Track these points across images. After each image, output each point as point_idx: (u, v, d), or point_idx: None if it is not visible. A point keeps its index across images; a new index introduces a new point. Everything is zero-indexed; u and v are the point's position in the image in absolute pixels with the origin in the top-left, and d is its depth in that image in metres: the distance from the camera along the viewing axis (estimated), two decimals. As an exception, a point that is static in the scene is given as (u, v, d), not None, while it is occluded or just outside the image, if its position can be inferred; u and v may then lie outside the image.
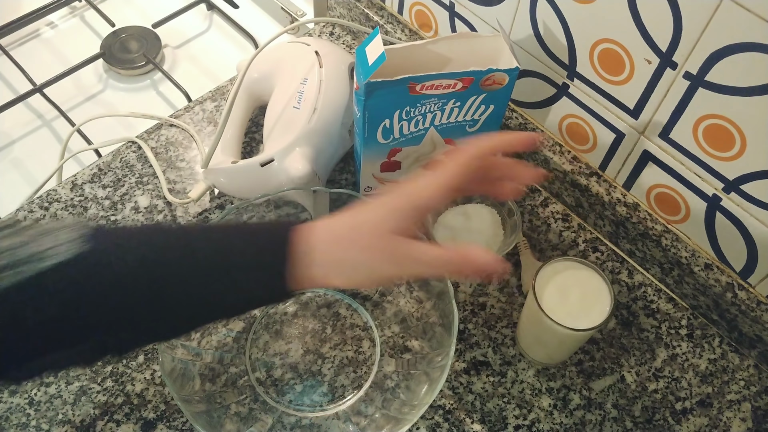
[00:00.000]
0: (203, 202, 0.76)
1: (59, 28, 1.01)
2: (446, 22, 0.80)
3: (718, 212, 0.65)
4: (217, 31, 1.01)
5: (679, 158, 0.65)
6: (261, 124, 0.78)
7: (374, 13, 0.86)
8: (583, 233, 0.77)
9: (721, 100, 0.58)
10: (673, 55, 0.59)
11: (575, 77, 0.69)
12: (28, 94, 0.89)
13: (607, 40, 0.63)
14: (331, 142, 0.72)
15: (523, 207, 0.78)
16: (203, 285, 0.45)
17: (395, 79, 0.61)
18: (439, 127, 0.68)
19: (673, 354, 0.69)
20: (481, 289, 0.72)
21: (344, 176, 0.79)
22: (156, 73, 0.95)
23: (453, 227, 0.73)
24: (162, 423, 0.63)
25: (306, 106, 0.71)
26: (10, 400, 0.63)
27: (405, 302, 0.68)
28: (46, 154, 0.86)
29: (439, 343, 0.61)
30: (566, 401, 0.66)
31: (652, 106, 0.64)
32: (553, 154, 0.75)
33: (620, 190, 0.73)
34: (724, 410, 0.66)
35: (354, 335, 0.68)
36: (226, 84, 0.87)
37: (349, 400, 0.64)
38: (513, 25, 0.71)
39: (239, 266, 0.45)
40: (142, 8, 1.03)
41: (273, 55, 0.78)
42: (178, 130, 0.82)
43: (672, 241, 0.69)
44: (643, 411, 0.66)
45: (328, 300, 0.70)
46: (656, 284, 0.73)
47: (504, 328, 0.69)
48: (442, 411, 0.64)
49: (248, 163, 0.70)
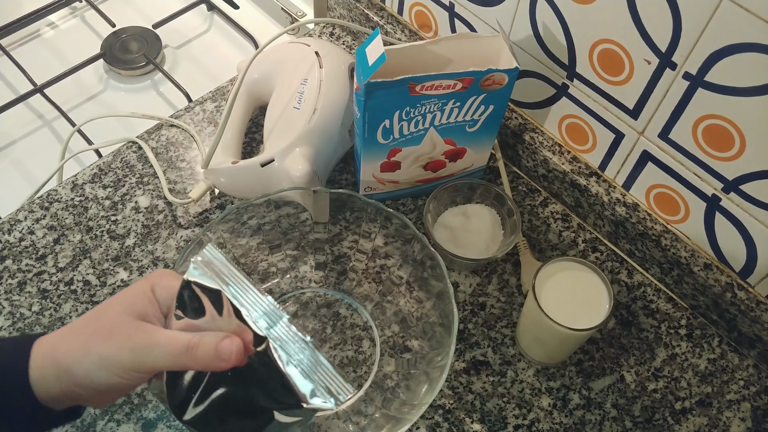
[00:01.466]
0: (203, 202, 0.76)
1: (60, 28, 1.01)
2: (446, 23, 0.80)
3: (717, 212, 0.65)
4: (218, 31, 1.02)
5: (679, 158, 0.65)
6: (261, 124, 0.78)
7: (374, 13, 0.86)
8: (583, 233, 0.77)
9: (721, 101, 0.58)
10: (673, 56, 0.59)
11: (575, 77, 0.69)
12: (28, 94, 0.89)
13: (606, 40, 0.63)
14: (331, 142, 0.72)
15: (523, 207, 0.78)
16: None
17: (395, 80, 0.61)
18: (439, 128, 0.68)
19: (672, 354, 0.69)
20: (480, 289, 0.72)
21: (344, 176, 0.79)
22: (156, 73, 0.95)
23: (453, 227, 0.73)
24: (162, 423, 0.63)
25: (306, 106, 0.71)
26: (10, 399, 0.63)
27: (405, 302, 0.68)
28: (46, 154, 0.86)
29: (439, 343, 0.61)
30: (566, 401, 0.66)
31: (651, 106, 0.64)
32: (553, 154, 0.76)
33: (620, 190, 0.73)
34: (724, 410, 0.66)
35: (354, 335, 0.68)
36: (226, 84, 0.87)
37: (349, 400, 0.64)
38: (513, 25, 0.71)
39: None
40: (142, 8, 1.03)
41: (273, 56, 0.78)
42: (179, 130, 0.82)
43: (671, 241, 0.70)
44: (643, 411, 0.66)
45: (328, 300, 0.70)
46: (656, 284, 0.73)
47: (504, 328, 0.70)
48: (442, 411, 0.65)
49: (248, 163, 0.70)
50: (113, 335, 0.42)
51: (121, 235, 0.73)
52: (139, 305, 0.44)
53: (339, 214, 0.71)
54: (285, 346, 0.43)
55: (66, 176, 0.79)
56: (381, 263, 0.71)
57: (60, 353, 0.43)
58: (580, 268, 0.62)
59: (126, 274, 0.71)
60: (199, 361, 0.42)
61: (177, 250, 0.72)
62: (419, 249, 0.64)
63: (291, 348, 0.43)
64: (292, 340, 0.43)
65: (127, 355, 0.42)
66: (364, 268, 0.71)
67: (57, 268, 0.71)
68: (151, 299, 0.45)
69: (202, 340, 0.42)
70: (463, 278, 0.73)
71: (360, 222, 0.69)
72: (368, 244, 0.69)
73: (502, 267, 0.74)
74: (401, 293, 0.69)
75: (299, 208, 0.69)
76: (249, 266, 0.69)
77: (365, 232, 0.69)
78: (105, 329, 0.43)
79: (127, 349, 0.42)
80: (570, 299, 0.60)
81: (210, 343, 0.42)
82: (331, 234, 0.72)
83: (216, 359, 0.42)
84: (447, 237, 0.72)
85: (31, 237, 0.73)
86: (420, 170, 0.74)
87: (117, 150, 0.80)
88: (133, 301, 0.44)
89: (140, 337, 0.42)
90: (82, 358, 0.42)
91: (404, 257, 0.67)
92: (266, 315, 0.43)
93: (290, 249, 0.71)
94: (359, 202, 0.65)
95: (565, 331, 0.58)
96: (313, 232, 0.70)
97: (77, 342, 0.43)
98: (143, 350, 0.42)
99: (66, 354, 0.43)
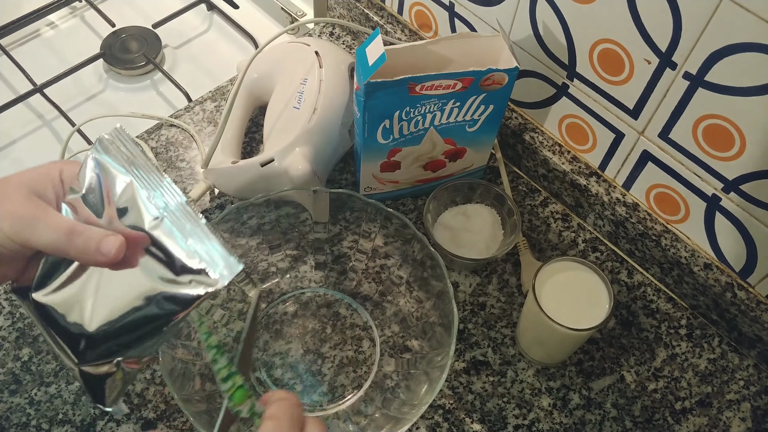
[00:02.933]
0: (203, 202, 0.76)
1: (59, 28, 1.01)
2: (446, 23, 0.80)
3: (717, 212, 0.65)
4: (217, 31, 1.01)
5: (679, 158, 0.65)
6: (261, 124, 0.78)
7: (374, 13, 0.86)
8: (583, 233, 0.77)
9: (721, 100, 0.58)
10: (673, 55, 0.59)
11: (575, 77, 0.69)
12: (28, 94, 0.89)
13: (606, 40, 0.63)
14: (331, 142, 0.72)
15: (523, 207, 0.78)
16: None
17: (395, 80, 0.61)
18: (439, 127, 0.68)
19: (672, 354, 0.69)
20: (480, 289, 0.72)
21: (344, 176, 0.79)
22: (156, 73, 0.95)
23: (453, 227, 0.73)
24: (162, 423, 0.63)
25: (306, 106, 0.71)
26: (10, 399, 0.63)
27: (405, 302, 0.68)
28: (46, 154, 0.86)
29: (439, 343, 0.61)
30: (566, 401, 0.66)
31: (651, 106, 0.64)
32: (553, 154, 0.75)
33: (620, 190, 0.73)
34: (724, 410, 0.66)
35: (354, 335, 0.68)
36: (226, 84, 0.87)
37: (349, 400, 0.64)
38: (513, 25, 0.71)
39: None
40: (142, 8, 1.03)
41: (273, 55, 0.78)
42: (179, 130, 0.82)
43: (671, 241, 0.70)
44: (643, 411, 0.66)
45: (328, 300, 0.70)
46: (656, 284, 0.73)
47: (504, 328, 0.70)
48: (442, 411, 0.65)
49: (248, 163, 0.70)
50: (1, 200, 0.42)
51: (120, 235, 0.73)
52: (40, 184, 0.43)
53: (339, 214, 0.71)
54: (180, 225, 0.42)
55: (66, 176, 0.79)
56: (381, 263, 0.71)
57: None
58: (580, 268, 0.62)
59: (126, 274, 0.71)
60: (78, 249, 0.41)
61: (177, 250, 0.72)
62: (419, 249, 0.64)
63: (186, 227, 0.42)
64: (188, 219, 0.42)
65: (9, 222, 0.41)
66: (364, 268, 0.71)
67: (57, 268, 0.71)
68: (55, 183, 0.44)
69: (87, 229, 0.41)
70: (463, 278, 0.73)
71: (360, 222, 0.69)
72: (368, 244, 0.69)
73: (502, 267, 0.74)
74: (401, 293, 0.69)
75: (299, 208, 0.69)
76: (249, 266, 0.69)
77: (365, 232, 0.69)
78: (12, 197, 0.42)
79: (12, 216, 0.41)
80: (570, 299, 0.60)
81: (94, 235, 0.41)
82: (331, 234, 0.72)
83: (96, 252, 0.41)
84: (447, 237, 0.72)
85: (31, 237, 0.73)
86: (420, 170, 0.74)
87: (117, 150, 0.80)
88: (34, 177, 0.43)
89: (28, 209, 0.41)
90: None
91: (404, 257, 0.67)
92: (164, 196, 0.43)
93: (290, 249, 0.71)
94: (359, 202, 0.65)
95: (565, 331, 0.58)
96: (313, 232, 0.70)
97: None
98: (27, 222, 0.41)
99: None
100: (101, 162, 0.44)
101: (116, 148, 0.44)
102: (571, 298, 0.61)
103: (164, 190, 0.43)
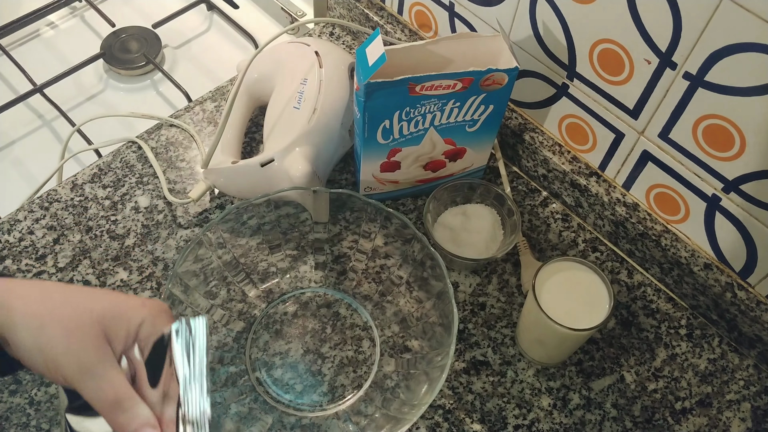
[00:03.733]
0: (203, 202, 0.76)
1: (59, 28, 1.01)
2: (446, 23, 0.80)
3: (717, 212, 0.65)
4: (217, 31, 1.02)
5: (679, 158, 0.65)
6: (261, 124, 0.78)
7: (374, 13, 0.86)
8: (583, 233, 0.77)
9: (721, 100, 0.58)
10: (673, 55, 0.59)
11: (575, 77, 0.69)
12: (28, 94, 0.89)
13: (606, 40, 0.63)
14: (331, 142, 0.72)
15: (523, 207, 0.78)
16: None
17: (395, 80, 0.61)
18: (439, 128, 0.68)
19: (672, 354, 0.69)
20: (480, 289, 0.72)
21: (344, 176, 0.79)
22: (156, 73, 0.95)
23: (453, 227, 0.73)
24: (162, 423, 0.63)
25: (306, 106, 0.71)
26: (10, 399, 0.63)
27: (405, 302, 0.68)
28: (46, 154, 0.86)
29: (439, 343, 0.61)
30: (566, 401, 0.66)
31: (651, 106, 0.64)
32: (553, 154, 0.75)
33: (620, 190, 0.73)
34: (724, 410, 0.66)
35: (354, 335, 0.68)
36: (226, 84, 0.87)
37: (349, 400, 0.64)
38: (513, 25, 0.71)
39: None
40: (142, 8, 1.03)
41: (273, 56, 0.78)
42: (178, 130, 0.82)
43: (671, 241, 0.70)
44: (643, 411, 0.66)
45: (328, 300, 0.70)
46: (656, 284, 0.73)
47: (504, 328, 0.70)
48: (442, 411, 0.65)
49: (248, 163, 0.70)
50: (72, 335, 0.40)
51: (120, 235, 0.73)
52: (116, 326, 0.42)
53: (339, 214, 0.71)
54: None
55: (66, 176, 0.79)
56: (381, 263, 0.71)
57: (15, 295, 0.40)
58: (580, 268, 0.62)
59: (126, 274, 0.71)
60: (115, 423, 0.40)
61: (177, 250, 0.72)
62: (419, 249, 0.64)
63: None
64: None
65: (67, 360, 0.39)
66: (364, 268, 0.71)
67: (57, 268, 0.71)
68: (130, 332, 0.42)
69: (133, 406, 0.40)
70: (463, 278, 0.73)
71: (360, 222, 0.69)
72: (368, 244, 0.69)
73: (502, 267, 0.74)
74: (401, 293, 0.69)
75: (299, 208, 0.69)
76: (249, 266, 0.69)
77: (365, 232, 0.69)
78: (72, 321, 0.40)
79: (74, 356, 0.39)
80: (570, 299, 0.60)
81: (136, 418, 0.40)
82: (331, 234, 0.72)
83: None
84: (447, 237, 0.72)
85: (31, 237, 0.73)
86: (420, 170, 0.74)
87: (117, 150, 0.80)
88: (114, 315, 0.42)
89: (92, 357, 0.40)
90: (30, 318, 0.40)
91: (404, 257, 0.67)
92: (193, 419, 0.42)
93: (290, 249, 0.71)
94: (359, 202, 0.65)
95: (565, 331, 0.58)
96: (313, 232, 0.70)
97: (40, 306, 0.41)
98: (85, 371, 0.39)
99: (21, 299, 0.40)
100: (173, 345, 0.43)
101: (192, 341, 0.43)
102: (571, 298, 0.61)
103: (198, 398, 0.43)
